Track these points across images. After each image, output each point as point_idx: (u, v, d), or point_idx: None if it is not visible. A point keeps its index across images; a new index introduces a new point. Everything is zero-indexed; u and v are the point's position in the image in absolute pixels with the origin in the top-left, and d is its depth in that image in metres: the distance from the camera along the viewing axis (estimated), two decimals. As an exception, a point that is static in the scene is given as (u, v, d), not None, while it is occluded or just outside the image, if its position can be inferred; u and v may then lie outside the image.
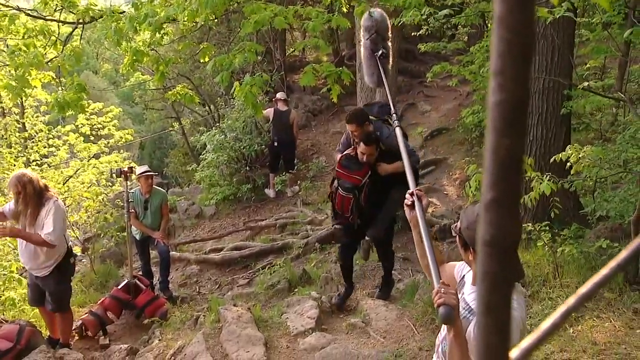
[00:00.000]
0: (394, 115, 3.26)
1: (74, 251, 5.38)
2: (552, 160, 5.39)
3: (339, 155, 5.57)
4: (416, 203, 2.13)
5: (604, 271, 0.42)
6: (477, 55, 9.56)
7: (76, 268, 5.62)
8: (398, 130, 2.99)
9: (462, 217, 2.29)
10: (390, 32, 3.70)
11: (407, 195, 2.28)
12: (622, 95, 6.99)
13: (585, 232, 5.84)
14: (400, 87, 13.47)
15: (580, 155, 4.92)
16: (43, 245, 5.10)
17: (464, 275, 2.49)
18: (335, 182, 5.47)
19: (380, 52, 3.41)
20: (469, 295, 2.29)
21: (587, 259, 5.08)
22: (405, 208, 2.31)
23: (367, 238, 6.16)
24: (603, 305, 4.46)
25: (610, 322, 4.22)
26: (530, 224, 5.28)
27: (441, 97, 14.50)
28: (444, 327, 2.40)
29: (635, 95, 9.13)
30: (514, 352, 0.39)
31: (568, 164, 5.02)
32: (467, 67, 10.03)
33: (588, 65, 9.38)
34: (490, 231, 0.34)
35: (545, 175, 4.82)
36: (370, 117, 5.38)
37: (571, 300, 0.40)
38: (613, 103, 8.73)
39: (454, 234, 2.38)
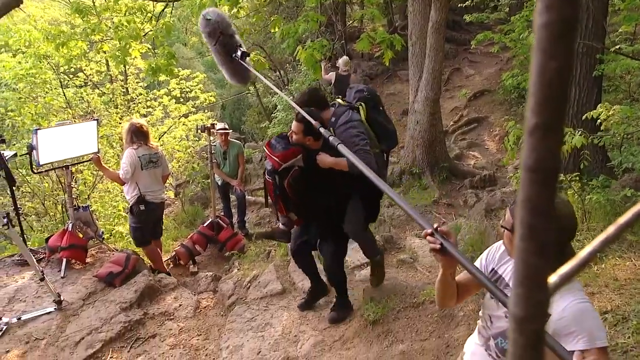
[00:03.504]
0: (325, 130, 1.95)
1: (147, 200, 5.33)
2: (584, 117, 5.17)
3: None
4: (445, 243, 1.45)
5: (646, 202, 0.36)
6: (517, 24, 9.18)
7: (145, 214, 5.41)
8: (332, 139, 1.83)
9: (514, 210, 1.78)
10: (232, 26, 2.90)
11: (430, 238, 1.53)
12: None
13: (612, 183, 5.65)
14: (447, 53, 13.04)
15: (609, 114, 4.74)
16: (111, 179, 5.62)
17: (493, 269, 2.06)
18: None
19: (239, 52, 2.72)
20: None
21: (613, 206, 4.93)
22: (433, 253, 1.64)
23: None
24: (625, 247, 4.34)
25: (631, 261, 4.09)
26: (562, 175, 5.10)
27: (484, 63, 14.00)
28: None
29: (664, 59, 8.53)
30: (553, 277, 0.34)
31: (598, 121, 4.84)
32: (508, 35, 9.71)
33: (620, 31, 8.83)
34: (534, 156, 0.29)
35: (577, 131, 4.63)
36: (340, 101, 4.03)
37: (611, 229, 0.35)
38: (642, 66, 8.22)
39: (502, 229, 1.92)
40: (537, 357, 0.34)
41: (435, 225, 1.49)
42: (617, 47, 6.07)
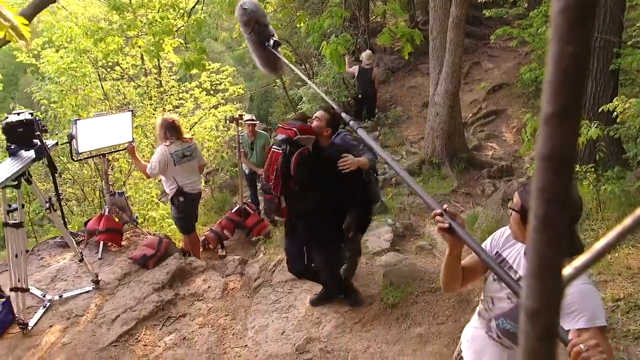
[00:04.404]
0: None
1: (186, 191, 5.33)
2: (600, 110, 5.05)
3: None
4: (453, 224, 1.44)
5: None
6: (536, 19, 8.96)
7: (185, 204, 5.42)
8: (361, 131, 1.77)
9: (523, 193, 1.80)
10: (267, 16, 2.81)
11: (439, 218, 1.53)
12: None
13: (627, 174, 5.52)
14: (467, 47, 12.80)
15: (625, 106, 4.61)
16: (139, 170, 5.56)
17: (497, 253, 2.00)
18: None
19: (271, 41, 2.66)
20: None
21: (627, 197, 4.83)
22: (441, 232, 1.60)
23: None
24: (639, 236, 4.22)
25: (644, 250, 4.00)
26: (577, 166, 5.00)
27: (502, 57, 13.71)
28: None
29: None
30: (567, 269, 0.32)
31: (614, 113, 4.72)
32: (526, 30, 9.48)
33: (637, 25, 8.56)
34: (549, 144, 0.27)
35: (593, 123, 4.52)
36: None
37: (627, 221, 0.33)
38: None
39: (510, 212, 1.88)
40: (550, 348, 0.32)
41: (444, 206, 1.49)
42: (634, 40, 5.89)
